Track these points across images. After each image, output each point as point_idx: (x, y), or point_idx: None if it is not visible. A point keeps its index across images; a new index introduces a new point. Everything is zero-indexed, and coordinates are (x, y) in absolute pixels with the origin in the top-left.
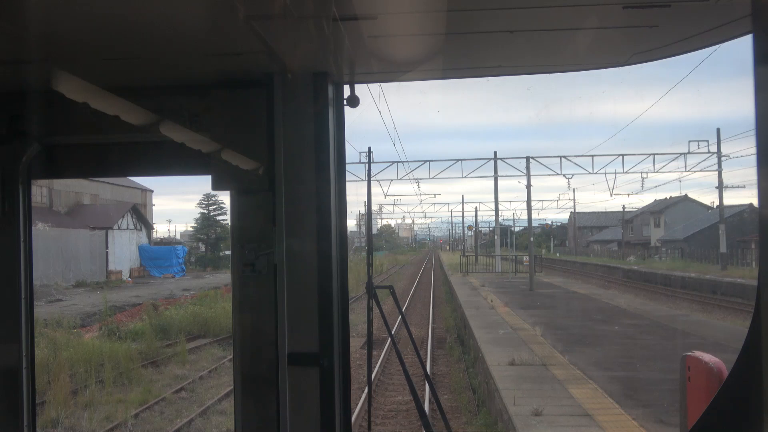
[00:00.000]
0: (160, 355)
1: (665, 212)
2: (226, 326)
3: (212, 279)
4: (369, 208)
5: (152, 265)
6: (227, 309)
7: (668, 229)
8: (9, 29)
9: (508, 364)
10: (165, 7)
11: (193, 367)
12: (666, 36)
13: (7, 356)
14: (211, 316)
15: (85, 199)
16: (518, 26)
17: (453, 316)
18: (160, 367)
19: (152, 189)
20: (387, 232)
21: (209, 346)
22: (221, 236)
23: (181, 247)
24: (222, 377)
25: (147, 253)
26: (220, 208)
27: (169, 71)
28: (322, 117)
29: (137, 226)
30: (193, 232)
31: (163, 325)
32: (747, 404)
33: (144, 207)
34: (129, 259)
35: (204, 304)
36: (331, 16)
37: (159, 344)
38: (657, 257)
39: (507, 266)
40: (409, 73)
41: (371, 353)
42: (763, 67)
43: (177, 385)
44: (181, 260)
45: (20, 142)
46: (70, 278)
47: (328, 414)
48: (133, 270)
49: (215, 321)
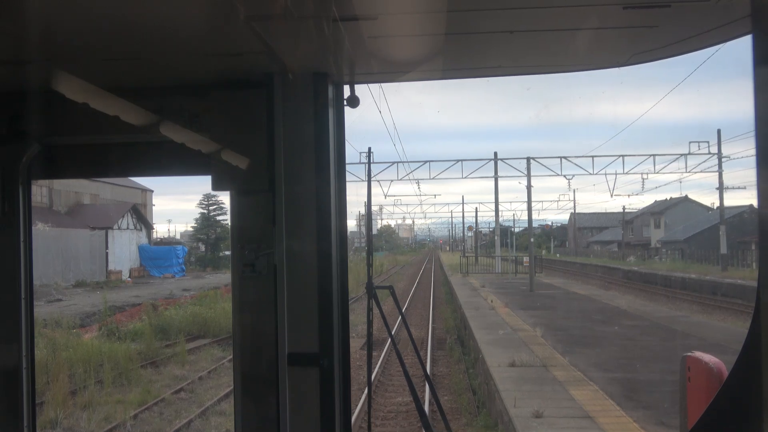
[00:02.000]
0: (159, 356)
1: (665, 213)
2: (226, 327)
3: (212, 279)
4: (369, 208)
5: (152, 265)
6: (227, 309)
7: (668, 230)
8: (9, 29)
9: (508, 366)
10: (165, 8)
11: (193, 368)
12: (666, 36)
13: (7, 356)
14: (211, 316)
15: (85, 199)
16: (518, 26)
17: (453, 316)
18: (160, 368)
19: (152, 189)
20: (387, 232)
21: (209, 347)
22: (221, 236)
23: (181, 247)
24: (221, 378)
25: (147, 253)
26: (220, 208)
27: (170, 71)
28: (322, 117)
29: (137, 226)
30: (193, 232)
31: (162, 325)
32: (747, 405)
33: (144, 207)
34: (129, 259)
35: (204, 305)
36: (331, 16)
37: (158, 345)
38: (657, 258)
39: (507, 267)
40: (409, 73)
41: (371, 354)
42: (762, 68)
43: (176, 385)
44: (181, 260)
45: (20, 142)
46: (69, 278)
47: (328, 414)
48: (133, 270)
49: (215, 321)
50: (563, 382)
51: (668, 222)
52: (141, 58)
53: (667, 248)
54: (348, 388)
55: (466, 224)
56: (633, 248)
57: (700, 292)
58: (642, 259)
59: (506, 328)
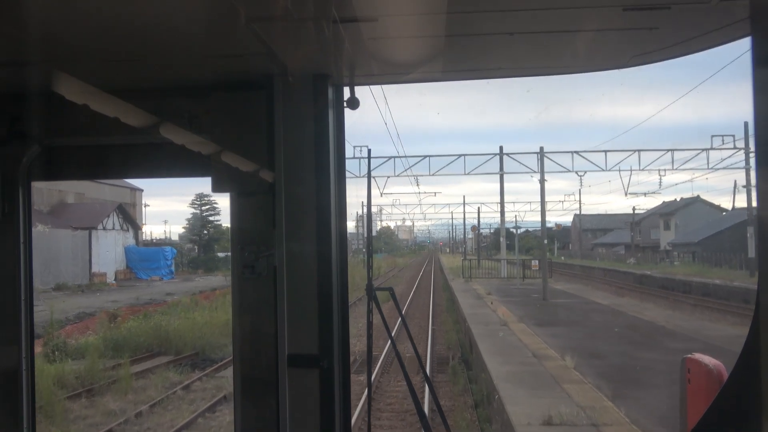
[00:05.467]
0: (99, 381)
1: (676, 214)
2: (191, 342)
3: (201, 282)
4: (369, 209)
5: (139, 268)
6: (197, 321)
7: (680, 231)
8: (9, 31)
9: (542, 424)
10: (166, 9)
11: (136, 398)
12: (665, 38)
13: (7, 358)
14: (176, 328)
15: (70, 198)
16: (518, 28)
17: (456, 328)
18: (95, 398)
19: (142, 188)
20: (386, 234)
21: (164, 368)
22: (214, 237)
23: (169, 249)
24: (167, 413)
25: (134, 254)
26: (213, 209)
27: (170, 73)
28: (322, 119)
29: (123, 226)
30: (185, 232)
31: (118, 340)
32: (747, 406)
33: (133, 207)
34: (114, 261)
35: (173, 314)
36: (331, 18)
37: (104, 366)
38: (668, 261)
39: (512, 271)
40: (409, 75)
41: (371, 355)
42: (761, 70)
43: (104, 425)
44: (169, 262)
45: (20, 143)
46: (49, 281)
47: (328, 416)
48: (119, 272)
49: (179, 335)
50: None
51: (679, 223)
52: (141, 60)
53: (678, 251)
54: (348, 389)
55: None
56: (641, 251)
57: (736, 301)
58: (653, 263)
59: (526, 353)
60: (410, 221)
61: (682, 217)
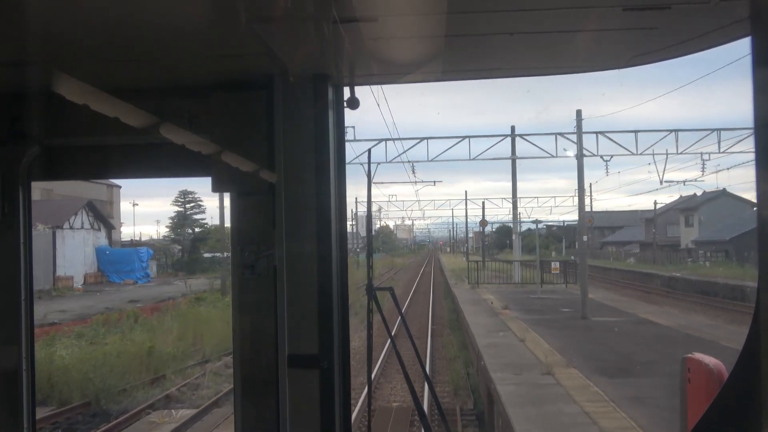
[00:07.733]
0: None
1: (699, 209)
2: (82, 384)
3: (179, 287)
4: (369, 210)
5: (111, 270)
6: (106, 351)
7: (705, 228)
8: (9, 31)
9: None
10: (166, 9)
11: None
12: (665, 38)
13: (7, 358)
14: (66, 365)
15: (36, 195)
16: (518, 28)
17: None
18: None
19: (120, 185)
20: (384, 233)
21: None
22: (199, 237)
23: (144, 249)
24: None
25: (105, 256)
26: (198, 206)
27: (170, 73)
28: (322, 119)
29: (94, 225)
30: (167, 232)
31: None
32: (747, 406)
33: (110, 204)
34: (83, 263)
35: (88, 337)
36: (331, 18)
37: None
38: (689, 261)
39: (526, 274)
40: (409, 75)
41: (371, 355)
42: (761, 70)
43: None
44: (145, 264)
45: (20, 143)
46: None
47: (328, 416)
48: (89, 276)
49: (67, 375)
50: None
51: (703, 219)
52: (141, 60)
53: (704, 249)
54: (348, 389)
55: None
56: (660, 249)
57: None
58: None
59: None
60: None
61: (707, 213)
